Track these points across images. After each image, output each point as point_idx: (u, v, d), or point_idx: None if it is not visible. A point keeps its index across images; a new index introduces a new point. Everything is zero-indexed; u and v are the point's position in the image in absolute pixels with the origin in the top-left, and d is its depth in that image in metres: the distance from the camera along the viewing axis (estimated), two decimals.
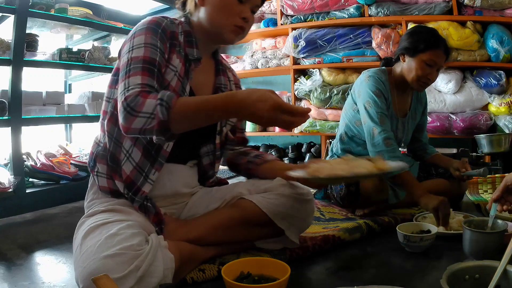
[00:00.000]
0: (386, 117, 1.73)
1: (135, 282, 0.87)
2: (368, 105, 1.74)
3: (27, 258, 1.41)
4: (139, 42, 1.06)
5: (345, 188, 1.70)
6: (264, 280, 0.99)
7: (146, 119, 0.94)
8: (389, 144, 1.67)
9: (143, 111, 0.95)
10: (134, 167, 1.11)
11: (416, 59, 1.71)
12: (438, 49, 1.69)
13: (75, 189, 2.20)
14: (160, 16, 1.15)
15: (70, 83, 3.11)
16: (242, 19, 1.14)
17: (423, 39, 1.70)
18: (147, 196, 1.12)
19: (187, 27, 1.19)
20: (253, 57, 3.55)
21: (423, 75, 1.71)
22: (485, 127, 2.67)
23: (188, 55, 1.16)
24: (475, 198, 1.98)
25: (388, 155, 1.64)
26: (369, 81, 1.77)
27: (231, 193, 1.24)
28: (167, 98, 0.95)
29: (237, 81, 1.41)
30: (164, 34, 1.11)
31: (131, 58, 1.05)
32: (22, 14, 1.99)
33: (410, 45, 1.73)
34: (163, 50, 1.09)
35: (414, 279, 1.12)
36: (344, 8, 3.07)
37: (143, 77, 1.01)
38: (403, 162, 1.60)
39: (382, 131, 1.68)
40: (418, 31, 1.77)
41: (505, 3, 2.67)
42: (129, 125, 0.96)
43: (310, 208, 1.26)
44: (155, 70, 1.04)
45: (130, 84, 1.00)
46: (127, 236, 0.93)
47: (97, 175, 1.16)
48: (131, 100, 0.96)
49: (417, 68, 1.71)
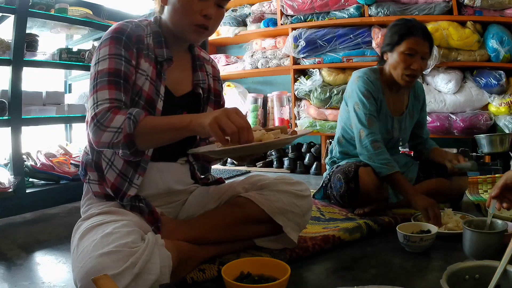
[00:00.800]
0: (375, 118, 1.73)
1: (132, 279, 0.87)
2: (357, 106, 1.75)
3: (27, 258, 1.41)
4: (104, 54, 1.07)
5: (345, 185, 1.70)
6: (264, 280, 0.99)
7: (114, 133, 0.97)
8: (376, 147, 1.68)
9: (112, 126, 0.98)
10: (117, 175, 1.12)
11: (396, 53, 1.71)
12: (413, 36, 1.66)
13: (75, 189, 2.19)
14: (125, 22, 1.14)
15: (70, 83, 3.10)
16: (203, 16, 1.09)
17: (397, 31, 1.70)
18: (139, 197, 1.13)
19: (156, 27, 1.18)
20: (253, 57, 3.55)
21: (406, 67, 1.68)
22: (485, 127, 2.67)
23: (157, 56, 1.15)
24: (475, 198, 1.98)
25: (376, 158, 1.67)
26: (358, 82, 1.77)
27: (228, 192, 1.26)
28: (135, 113, 0.98)
29: (215, 73, 1.36)
30: (129, 40, 1.09)
31: (97, 71, 1.06)
32: (22, 14, 1.99)
33: (388, 41, 1.74)
34: (128, 58, 1.08)
35: (414, 279, 1.12)
36: (344, 8, 3.07)
37: (110, 91, 1.03)
38: (391, 165, 1.63)
39: (370, 134, 1.70)
40: (393, 24, 1.76)
41: (505, 3, 2.67)
42: (99, 139, 1.00)
43: (308, 204, 1.27)
44: (121, 81, 1.05)
45: (98, 99, 1.02)
46: (123, 234, 0.94)
47: (89, 182, 1.18)
48: (101, 116, 0.99)
49: (399, 61, 1.69)
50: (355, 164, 1.70)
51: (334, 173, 1.80)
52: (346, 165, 1.75)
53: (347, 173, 1.70)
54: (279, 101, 3.57)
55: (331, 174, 1.86)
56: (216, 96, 1.33)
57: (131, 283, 0.87)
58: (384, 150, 1.69)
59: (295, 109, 3.32)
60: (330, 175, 1.87)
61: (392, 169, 1.63)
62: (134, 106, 1.11)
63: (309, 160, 3.32)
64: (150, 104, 1.12)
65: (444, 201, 1.85)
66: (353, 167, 1.69)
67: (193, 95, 1.25)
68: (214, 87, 1.33)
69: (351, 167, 1.70)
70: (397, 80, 1.75)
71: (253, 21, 3.54)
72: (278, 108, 3.56)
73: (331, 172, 1.87)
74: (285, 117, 3.54)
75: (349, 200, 1.72)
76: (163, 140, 1.02)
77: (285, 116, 3.54)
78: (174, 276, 1.00)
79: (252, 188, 1.26)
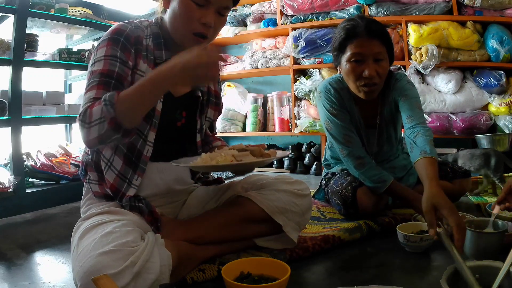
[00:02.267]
0: (350, 133, 1.59)
1: (132, 278, 0.87)
2: (329, 126, 1.62)
3: (27, 258, 1.41)
4: (101, 55, 1.07)
5: (344, 210, 1.60)
6: (264, 280, 0.99)
7: (98, 125, 0.96)
8: (361, 165, 1.56)
9: (93, 120, 0.97)
10: (116, 175, 1.12)
11: (343, 63, 1.52)
12: (355, 38, 1.46)
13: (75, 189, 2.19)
14: (124, 23, 1.13)
15: (70, 83, 3.11)
16: (202, 24, 1.07)
17: (337, 38, 1.51)
18: (139, 197, 1.14)
19: (156, 28, 1.17)
20: (253, 57, 3.55)
21: (357, 75, 1.48)
22: (485, 127, 2.67)
23: (156, 58, 1.14)
24: (475, 198, 1.98)
25: (365, 177, 1.57)
26: (321, 99, 1.63)
27: (228, 191, 1.27)
28: (109, 97, 0.96)
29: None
30: (127, 41, 1.09)
31: (92, 72, 1.07)
32: (22, 14, 2.00)
33: (332, 53, 1.57)
34: (125, 59, 1.07)
35: (414, 279, 1.12)
36: (344, 8, 3.07)
37: (97, 91, 1.03)
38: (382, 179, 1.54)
39: (349, 152, 1.58)
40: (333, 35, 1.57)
41: (505, 3, 2.67)
42: (88, 137, 0.99)
43: (307, 203, 1.27)
44: (112, 81, 1.05)
45: (86, 100, 1.03)
46: (122, 233, 0.94)
47: (89, 182, 1.18)
48: (82, 116, 0.99)
49: (348, 72, 1.50)
50: (352, 187, 1.58)
51: (331, 193, 1.68)
52: (343, 187, 1.61)
53: (344, 198, 1.58)
54: (279, 101, 3.57)
55: (327, 180, 1.81)
56: (216, 98, 1.33)
57: (131, 282, 0.87)
58: (370, 165, 1.58)
59: (295, 109, 3.32)
60: (327, 180, 1.82)
61: (384, 184, 1.54)
62: None
63: (309, 160, 3.32)
64: None
65: None
66: (350, 191, 1.57)
67: (192, 95, 1.25)
68: (214, 89, 1.33)
69: (348, 191, 1.57)
70: (354, 92, 1.56)
71: (253, 21, 3.54)
72: (278, 108, 3.56)
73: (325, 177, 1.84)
74: (285, 117, 3.54)
75: (349, 217, 1.63)
76: (144, 104, 0.99)
77: (285, 116, 3.54)
78: (174, 276, 1.00)
79: (251, 188, 1.26)
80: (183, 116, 1.23)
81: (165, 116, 1.16)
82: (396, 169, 1.79)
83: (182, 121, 1.23)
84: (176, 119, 1.22)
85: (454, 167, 1.83)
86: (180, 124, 1.23)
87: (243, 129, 3.76)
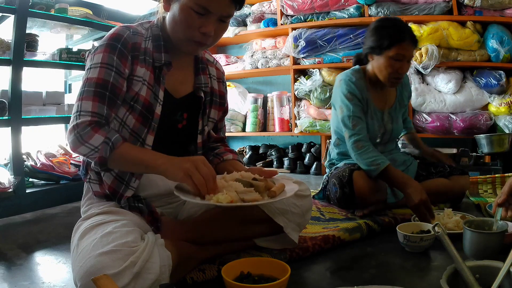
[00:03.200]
0: (359, 119, 1.73)
1: (132, 278, 0.87)
2: (341, 110, 1.76)
3: (27, 258, 1.41)
4: (97, 61, 1.08)
5: (340, 190, 1.70)
6: (264, 280, 0.99)
7: (90, 150, 1.02)
8: (359, 146, 1.68)
9: (89, 143, 1.02)
10: (114, 177, 1.13)
11: (383, 57, 1.69)
12: (404, 42, 1.65)
13: (75, 189, 2.20)
14: (123, 27, 1.12)
15: (70, 83, 3.10)
16: (202, 33, 1.06)
17: (386, 36, 1.66)
18: (139, 197, 1.13)
19: (157, 30, 1.16)
20: (253, 57, 3.55)
21: (393, 71, 1.68)
22: (485, 127, 2.67)
23: (155, 61, 1.13)
24: (475, 198, 1.98)
25: (361, 158, 1.67)
26: (340, 86, 1.78)
27: None
28: (114, 140, 1.01)
29: (219, 75, 1.35)
30: (124, 48, 1.09)
31: (87, 78, 1.08)
32: (22, 14, 2.00)
33: (375, 44, 1.71)
34: (120, 68, 1.08)
35: (414, 279, 1.12)
36: (344, 8, 3.07)
37: (93, 103, 1.05)
38: (377, 162, 1.62)
39: (353, 135, 1.70)
40: (381, 26, 1.72)
41: (505, 3, 2.67)
42: (76, 148, 1.04)
43: (308, 204, 1.27)
44: (106, 93, 1.06)
45: (82, 108, 1.05)
46: (122, 233, 0.94)
47: (89, 181, 1.18)
48: (81, 129, 1.02)
49: (386, 66, 1.69)
50: (350, 168, 1.70)
51: (330, 177, 1.80)
52: (341, 169, 1.75)
53: (341, 178, 1.70)
54: (279, 101, 3.58)
55: (329, 176, 1.86)
56: (220, 98, 1.32)
57: (130, 282, 0.87)
58: (369, 148, 1.68)
59: (295, 109, 3.32)
60: (328, 177, 1.87)
61: (378, 167, 1.61)
62: (130, 110, 1.11)
63: (309, 160, 3.32)
64: (148, 108, 1.11)
65: (444, 201, 1.84)
66: (347, 172, 1.69)
67: (194, 96, 1.24)
68: (219, 89, 1.32)
69: (345, 172, 1.70)
70: (383, 81, 1.75)
71: (253, 21, 3.54)
72: (278, 108, 3.56)
73: (329, 174, 1.88)
74: (285, 117, 3.54)
75: (345, 203, 1.73)
76: (132, 170, 1.10)
77: (285, 116, 3.54)
78: (174, 276, 1.00)
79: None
80: (184, 117, 1.21)
81: (165, 119, 1.15)
82: (397, 162, 1.85)
83: (183, 122, 1.22)
84: (177, 121, 1.20)
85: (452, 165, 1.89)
86: (181, 126, 1.22)
87: (243, 129, 3.76)
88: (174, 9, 1.07)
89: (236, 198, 0.99)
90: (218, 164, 1.28)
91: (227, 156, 1.30)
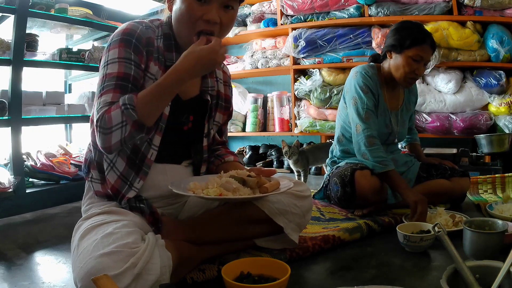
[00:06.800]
0: (372, 113, 1.75)
1: (132, 279, 0.87)
2: (354, 101, 1.77)
3: (27, 258, 1.41)
4: (114, 56, 1.06)
5: (341, 189, 1.70)
6: (264, 280, 0.99)
7: (120, 129, 0.99)
8: (371, 143, 1.70)
9: (114, 125, 0.98)
10: (118, 177, 1.12)
11: (403, 56, 1.72)
12: (424, 44, 1.70)
13: (75, 189, 2.20)
14: (135, 23, 1.11)
15: (70, 83, 3.10)
16: (205, 21, 1.04)
17: (408, 36, 1.71)
18: (141, 197, 1.13)
19: (167, 29, 1.15)
20: (253, 57, 3.55)
21: (410, 71, 1.72)
22: (485, 127, 2.67)
23: (166, 60, 1.13)
24: (475, 198, 1.98)
25: (370, 155, 1.69)
26: (356, 77, 1.80)
27: None
28: (128, 100, 0.98)
29: (226, 79, 1.36)
30: (139, 42, 1.08)
31: (106, 74, 1.05)
32: (22, 14, 2.00)
33: (396, 42, 1.74)
34: (138, 62, 1.07)
35: (414, 279, 1.12)
36: (344, 8, 3.07)
37: (114, 94, 1.03)
38: (385, 163, 1.66)
39: (366, 128, 1.72)
40: (404, 27, 1.77)
41: (505, 3, 2.67)
42: (109, 143, 1.01)
43: (308, 204, 1.27)
44: (128, 85, 1.04)
45: (101, 103, 1.02)
46: (123, 234, 0.94)
47: (91, 181, 1.18)
48: (100, 122, 1.00)
49: (404, 65, 1.72)
50: (351, 168, 1.70)
51: (332, 176, 1.80)
52: (343, 168, 1.75)
53: (343, 177, 1.69)
54: (279, 101, 3.58)
55: (330, 175, 1.86)
56: (226, 102, 1.32)
57: (131, 283, 0.87)
58: (380, 147, 1.71)
59: (295, 109, 3.32)
60: (329, 176, 1.87)
61: (385, 167, 1.66)
62: None
63: None
64: None
65: (445, 202, 1.84)
66: (349, 171, 1.69)
67: (200, 99, 1.23)
68: (225, 92, 1.32)
69: (347, 171, 1.69)
70: (398, 80, 1.78)
71: (253, 21, 3.54)
72: (278, 108, 3.56)
73: (330, 173, 1.87)
74: (285, 117, 3.54)
75: (346, 203, 1.73)
76: (164, 104, 1.05)
77: (285, 116, 3.54)
78: (174, 276, 1.00)
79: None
80: (190, 120, 1.21)
81: (172, 120, 1.15)
82: (398, 162, 1.85)
83: (189, 125, 1.21)
84: (183, 123, 1.20)
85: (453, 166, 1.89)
86: (186, 128, 1.21)
87: (243, 129, 3.76)
88: (177, 5, 1.08)
89: (225, 193, 1.01)
90: (219, 165, 1.30)
91: (228, 158, 1.32)
